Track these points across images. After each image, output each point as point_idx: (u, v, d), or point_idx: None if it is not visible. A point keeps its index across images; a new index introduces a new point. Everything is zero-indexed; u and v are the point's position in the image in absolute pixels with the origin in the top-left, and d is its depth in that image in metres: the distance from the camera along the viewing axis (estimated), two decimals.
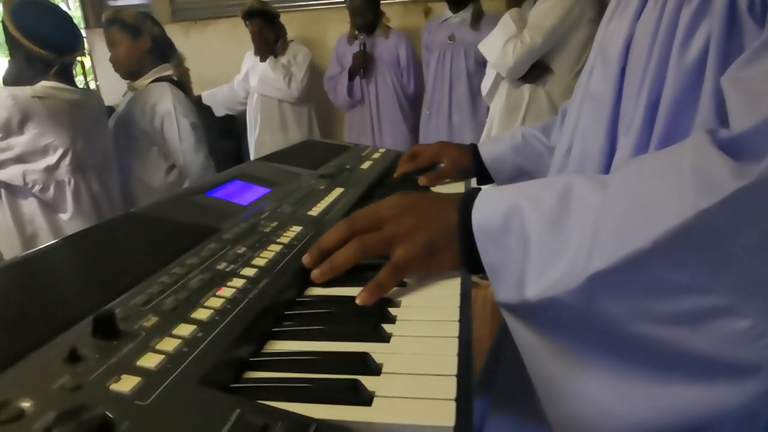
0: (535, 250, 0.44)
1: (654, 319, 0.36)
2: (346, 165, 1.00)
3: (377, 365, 0.40)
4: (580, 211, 0.43)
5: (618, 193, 0.41)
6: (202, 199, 0.72)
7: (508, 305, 0.47)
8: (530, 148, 0.98)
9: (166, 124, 2.00)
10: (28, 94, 1.65)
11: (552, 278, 0.41)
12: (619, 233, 0.38)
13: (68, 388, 0.32)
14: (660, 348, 0.36)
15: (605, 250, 0.38)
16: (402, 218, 0.55)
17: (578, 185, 0.45)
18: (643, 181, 0.39)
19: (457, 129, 2.87)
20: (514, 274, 0.45)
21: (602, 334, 0.40)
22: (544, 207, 0.45)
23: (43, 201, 1.76)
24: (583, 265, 0.39)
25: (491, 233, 0.48)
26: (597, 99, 0.62)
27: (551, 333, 0.44)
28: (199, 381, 0.35)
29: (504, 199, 0.48)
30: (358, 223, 0.56)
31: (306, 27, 3.43)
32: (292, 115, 3.05)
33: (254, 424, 0.31)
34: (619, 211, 0.39)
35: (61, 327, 0.38)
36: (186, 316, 0.42)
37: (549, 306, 0.42)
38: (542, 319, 0.44)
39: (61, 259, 0.52)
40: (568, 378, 0.42)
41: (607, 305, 0.38)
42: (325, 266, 0.54)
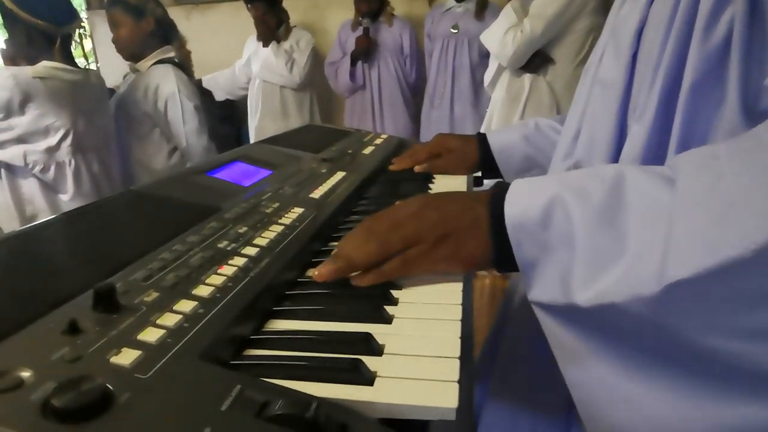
0: (584, 248, 0.40)
1: (731, 333, 0.33)
2: (348, 150, 1.00)
3: (379, 346, 0.40)
4: (640, 206, 0.39)
5: (696, 192, 0.36)
6: (203, 179, 0.72)
7: (545, 305, 0.43)
8: (543, 137, 0.93)
9: (170, 105, 2.00)
10: (29, 74, 1.64)
11: (610, 282, 0.37)
12: (707, 238, 0.33)
13: (68, 359, 0.32)
14: (731, 364, 0.34)
15: (689, 256, 0.33)
16: (423, 214, 0.51)
17: (631, 177, 0.41)
18: (728, 179, 0.35)
19: (458, 120, 2.86)
20: (557, 271, 0.42)
21: (667, 345, 0.36)
22: (592, 199, 0.41)
23: (43, 181, 1.75)
24: (657, 271, 0.35)
25: (528, 227, 0.43)
26: (607, 85, 0.61)
27: (602, 340, 0.40)
28: (199, 356, 0.35)
29: (542, 191, 0.44)
30: (376, 225, 0.51)
31: (308, 12, 3.41)
32: (294, 101, 3.03)
33: (255, 400, 0.31)
34: (704, 213, 0.35)
35: (60, 299, 0.38)
36: (187, 292, 0.42)
37: (605, 313, 0.38)
38: (593, 325, 0.40)
39: (61, 233, 0.52)
40: (618, 386, 0.39)
41: (680, 317, 0.35)
42: (340, 261, 0.50)
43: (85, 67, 1.91)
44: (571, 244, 0.41)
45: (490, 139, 0.97)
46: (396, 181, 0.90)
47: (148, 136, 2.06)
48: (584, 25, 2.02)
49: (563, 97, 2.08)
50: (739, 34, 0.45)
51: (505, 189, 0.47)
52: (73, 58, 1.84)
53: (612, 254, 0.38)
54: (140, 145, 2.08)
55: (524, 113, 2.14)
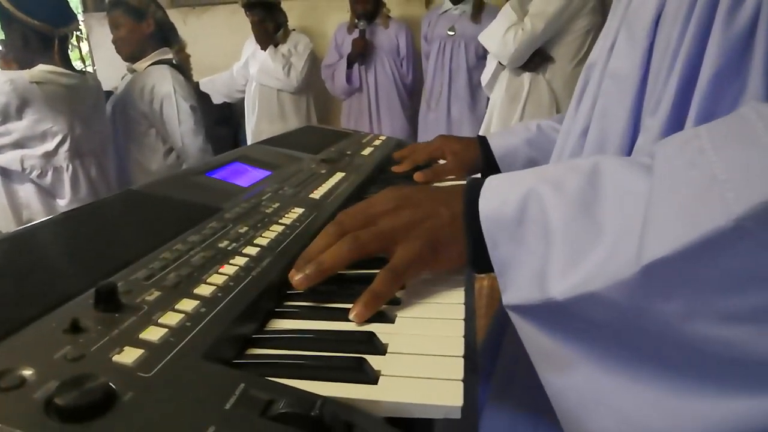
0: (561, 241, 0.38)
1: (717, 317, 0.31)
2: (347, 151, 1.00)
3: (383, 345, 0.40)
4: (617, 193, 0.38)
5: (674, 170, 0.35)
6: (202, 179, 0.71)
7: (520, 307, 0.41)
8: (546, 139, 0.91)
9: (166, 106, 2.01)
10: (27, 79, 1.64)
11: (587, 271, 0.36)
12: (684, 214, 0.32)
13: (70, 358, 0.31)
14: (720, 353, 0.32)
15: (666, 234, 0.32)
16: (398, 212, 0.49)
17: (607, 165, 0.40)
18: (706, 154, 0.33)
19: (455, 122, 2.86)
20: (532, 269, 0.40)
21: (648, 336, 0.34)
22: (569, 191, 0.40)
23: (40, 187, 1.75)
24: (634, 253, 0.33)
25: (503, 223, 0.42)
26: (620, 78, 0.58)
27: (580, 337, 0.38)
28: (202, 355, 0.35)
29: (518, 185, 0.43)
30: (349, 222, 0.50)
31: (305, 16, 3.41)
32: (291, 104, 3.04)
33: (259, 398, 0.31)
34: (682, 189, 0.33)
35: (62, 299, 0.38)
36: (188, 291, 0.42)
37: (583, 304, 0.36)
38: (569, 321, 0.38)
39: (62, 233, 0.52)
40: (598, 391, 0.37)
41: (661, 301, 0.32)
42: (311, 268, 0.46)
43: (82, 71, 1.91)
44: (547, 237, 0.39)
45: (492, 143, 0.95)
46: (395, 181, 0.90)
47: (145, 137, 2.07)
48: (584, 24, 2.03)
49: (562, 95, 2.09)
50: (766, 19, 0.43)
51: (479, 186, 0.45)
52: (70, 61, 1.84)
53: (589, 243, 0.37)
54: (137, 146, 2.09)
55: (524, 112, 2.15)
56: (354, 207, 0.52)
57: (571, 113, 0.72)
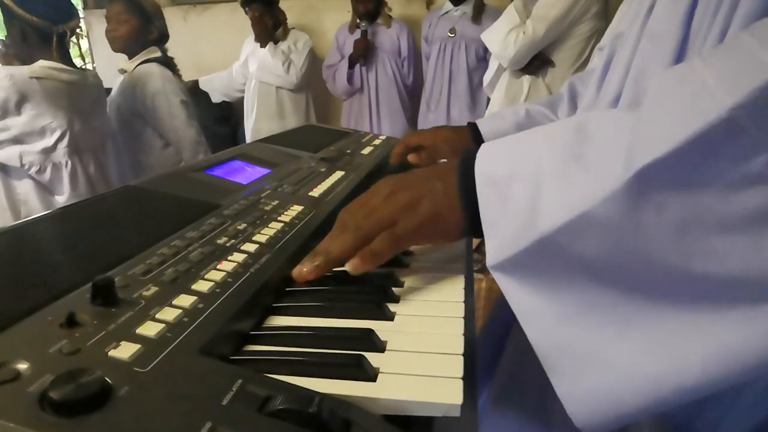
0: (550, 181, 0.38)
1: (713, 225, 0.30)
2: (347, 150, 0.99)
3: (381, 342, 0.40)
4: (604, 133, 0.38)
5: (663, 90, 0.34)
6: (201, 176, 0.71)
7: (506, 261, 0.40)
8: (535, 124, 0.92)
9: (157, 102, 2.06)
10: (26, 74, 1.63)
11: (579, 194, 0.35)
12: (675, 116, 0.31)
13: (66, 352, 0.31)
14: (716, 270, 0.30)
15: (656, 139, 0.31)
16: (395, 196, 0.50)
17: (596, 115, 0.40)
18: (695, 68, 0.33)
19: (455, 123, 2.82)
20: (520, 219, 0.39)
21: (639, 264, 0.33)
22: (557, 142, 0.40)
23: (38, 183, 1.74)
24: (624, 165, 0.32)
25: (496, 180, 0.42)
26: (659, 37, 0.56)
27: (567, 283, 0.37)
28: (199, 351, 0.34)
29: (509, 146, 0.44)
30: (350, 218, 0.51)
31: (304, 14, 3.41)
32: (290, 102, 3.03)
33: (257, 394, 0.31)
34: (671, 100, 0.33)
35: (59, 292, 0.37)
36: (186, 287, 0.41)
37: (573, 231, 0.35)
38: (556, 261, 0.37)
39: (59, 227, 0.51)
40: (591, 342, 0.36)
41: (655, 211, 0.31)
42: (319, 259, 0.48)
43: (82, 67, 1.91)
44: (537, 183, 0.39)
45: (482, 127, 0.97)
46: None
47: (141, 135, 2.11)
48: (586, 30, 2.03)
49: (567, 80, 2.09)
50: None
51: (474, 153, 0.46)
52: (70, 58, 1.83)
53: (577, 174, 0.36)
54: (134, 145, 2.12)
55: None
56: (352, 203, 0.53)
57: (592, 91, 0.71)
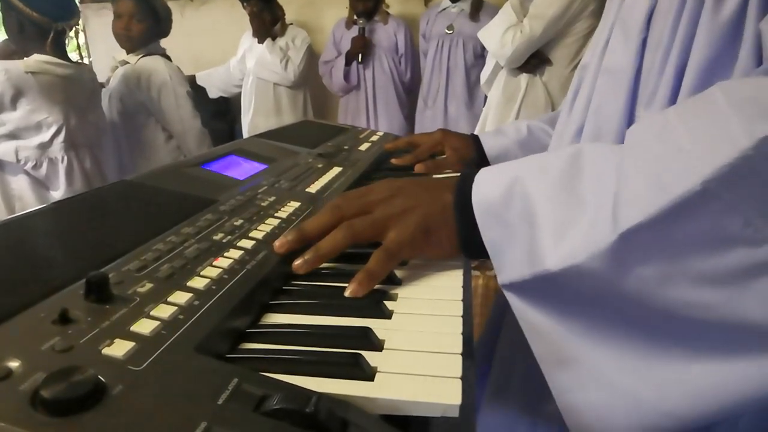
0: (546, 217, 0.41)
1: (694, 280, 0.32)
2: (344, 146, 0.99)
3: (379, 341, 0.39)
4: (595, 171, 0.40)
5: (643, 145, 0.37)
6: (197, 171, 0.70)
7: (514, 284, 0.43)
8: (536, 141, 0.94)
9: (164, 93, 2.09)
10: (21, 69, 1.62)
11: (573, 244, 0.38)
12: (654, 181, 0.33)
13: (58, 349, 0.30)
14: (699, 317, 0.33)
15: (638, 203, 0.34)
16: (393, 200, 0.51)
17: (588, 149, 0.43)
18: (672, 128, 0.36)
19: (452, 120, 2.86)
20: (523, 247, 0.42)
21: (630, 304, 0.36)
22: (551, 173, 0.42)
23: (33, 178, 1.74)
24: (611, 223, 0.35)
25: (492, 207, 0.44)
26: (615, 73, 0.60)
27: (569, 309, 0.40)
28: (195, 349, 0.34)
29: (505, 173, 0.46)
30: (346, 208, 0.51)
31: (302, 10, 3.40)
32: (287, 98, 3.02)
33: (253, 393, 0.30)
34: (650, 160, 0.35)
35: (51, 288, 0.37)
36: (182, 283, 0.41)
37: (571, 275, 0.37)
38: (559, 293, 0.40)
39: (54, 222, 0.51)
40: (586, 362, 0.38)
41: (639, 268, 0.34)
42: (309, 254, 0.48)
43: (77, 62, 1.90)
44: (533, 218, 0.41)
45: (486, 144, 0.97)
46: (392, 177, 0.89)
47: (144, 127, 2.13)
48: (583, 28, 2.03)
49: (558, 98, 2.09)
50: (755, 7, 0.45)
51: (473, 176, 0.48)
52: (66, 53, 1.83)
53: (573, 217, 0.39)
54: (135, 137, 2.14)
55: (519, 113, 2.14)
56: (351, 192, 0.54)
57: (563, 116, 0.73)
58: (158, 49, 2.23)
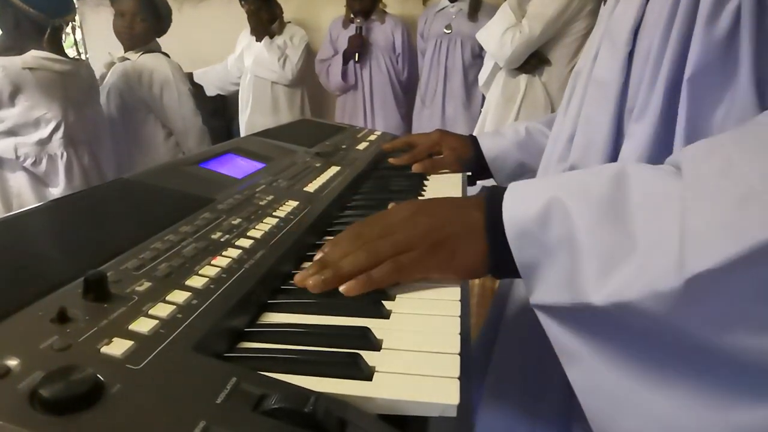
0: (590, 245, 0.38)
1: (755, 327, 0.31)
2: (342, 145, 0.99)
3: (377, 341, 0.39)
4: (646, 198, 0.38)
5: (707, 180, 0.35)
6: (195, 170, 0.70)
7: (549, 307, 0.41)
8: (535, 143, 0.94)
9: (165, 90, 2.10)
10: (19, 65, 1.61)
11: (624, 280, 0.36)
12: (726, 227, 0.31)
13: (57, 348, 0.30)
14: (754, 365, 0.32)
15: (711, 245, 0.31)
16: (416, 220, 0.48)
17: (634, 171, 0.40)
18: (736, 163, 0.34)
19: (450, 120, 2.85)
20: (561, 271, 0.40)
21: (683, 346, 0.34)
22: (593, 197, 0.40)
23: (33, 175, 1.73)
24: (676, 263, 0.33)
25: (526, 227, 0.42)
26: (603, 85, 0.60)
27: (611, 342, 0.38)
28: (193, 348, 0.34)
29: (540, 192, 0.43)
30: (368, 231, 0.49)
31: (301, 9, 3.39)
32: (285, 97, 3.01)
33: (251, 393, 0.30)
34: (719, 200, 0.33)
35: (50, 287, 0.37)
36: (180, 282, 0.41)
37: (620, 311, 0.36)
38: (602, 326, 0.38)
39: (52, 220, 0.50)
40: (627, 393, 0.37)
41: (701, 312, 0.32)
42: (328, 273, 0.46)
43: (75, 58, 1.90)
44: (574, 243, 0.39)
45: (484, 145, 0.97)
46: (390, 177, 0.89)
47: (143, 124, 2.13)
48: (581, 27, 2.03)
49: (558, 98, 2.09)
50: (748, 23, 0.44)
51: (501, 193, 0.46)
52: (63, 49, 1.82)
53: (621, 250, 0.37)
54: (134, 134, 2.14)
55: (519, 114, 2.15)
56: (371, 217, 0.51)
57: (559, 119, 0.73)
58: (157, 46, 2.23)
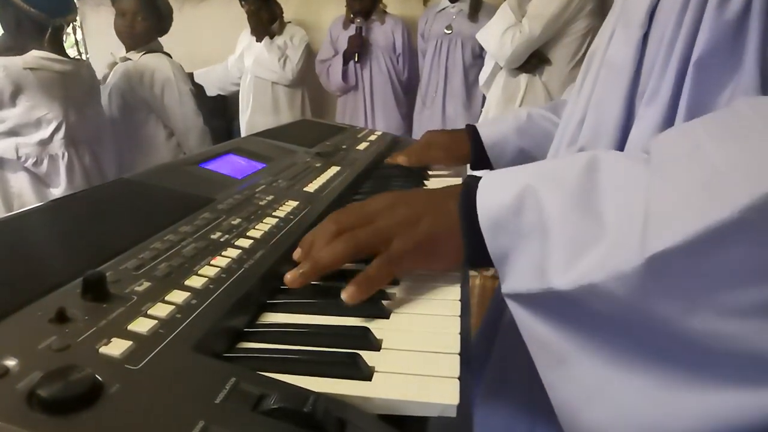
0: (559, 233, 0.38)
1: (722, 311, 0.31)
2: (342, 145, 0.99)
3: (377, 341, 0.39)
4: (615, 185, 0.38)
5: (674, 163, 0.35)
6: (195, 170, 0.70)
7: (519, 295, 0.41)
8: (537, 127, 0.92)
9: (167, 90, 2.10)
10: (20, 65, 1.62)
11: (589, 263, 0.35)
12: (688, 206, 0.31)
13: (55, 348, 0.30)
14: (720, 347, 0.31)
15: (672, 224, 0.31)
16: (395, 210, 0.48)
17: (604, 159, 0.40)
18: (704, 146, 0.34)
19: (450, 120, 2.85)
20: (531, 259, 0.40)
21: (649, 329, 0.34)
22: (565, 185, 0.40)
23: (34, 175, 1.73)
24: (638, 243, 0.33)
25: (500, 216, 0.42)
26: (616, 66, 0.59)
27: (579, 330, 0.38)
28: (192, 348, 0.34)
29: (514, 180, 0.43)
30: (345, 219, 0.49)
31: (301, 9, 3.39)
32: (285, 97, 3.01)
33: (250, 393, 0.30)
34: (683, 181, 0.33)
35: (48, 287, 0.37)
36: (179, 282, 0.41)
37: (585, 295, 0.36)
38: (569, 313, 0.38)
39: (51, 220, 0.50)
40: (596, 381, 0.37)
41: (664, 294, 0.32)
42: (305, 265, 0.46)
43: (75, 58, 1.90)
44: (545, 231, 0.39)
45: (482, 132, 0.95)
46: (390, 176, 0.89)
47: (144, 124, 2.13)
48: (581, 27, 2.03)
49: (558, 97, 2.09)
50: (759, 6, 0.44)
51: (476, 182, 0.46)
52: (63, 49, 1.82)
53: (590, 236, 0.36)
54: (135, 134, 2.14)
55: None
56: (350, 206, 0.51)
57: (572, 101, 0.72)
58: (159, 46, 2.23)
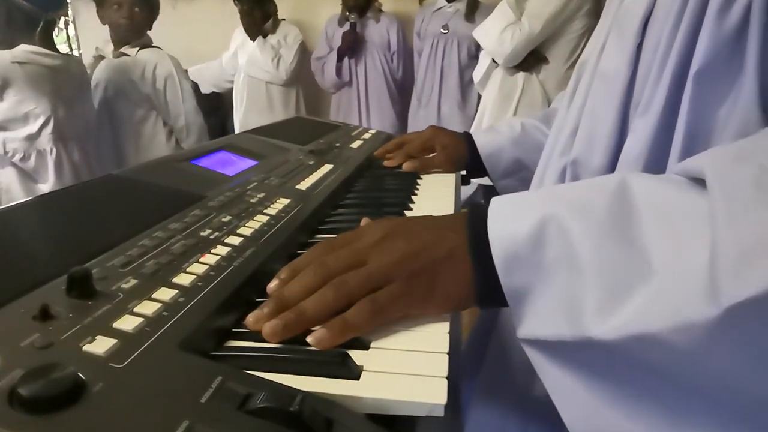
0: (593, 268, 0.34)
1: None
2: (336, 143, 0.98)
3: (365, 340, 0.39)
4: (659, 215, 0.34)
5: (737, 193, 0.30)
6: (186, 166, 0.70)
7: (542, 342, 0.36)
8: (531, 139, 0.93)
9: (169, 85, 2.08)
10: (8, 59, 1.60)
11: (641, 308, 0.31)
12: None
13: (38, 346, 0.30)
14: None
15: (755, 271, 0.27)
16: (390, 244, 0.42)
17: (637, 183, 0.36)
18: None
19: (445, 120, 2.86)
20: (558, 300, 0.35)
21: (710, 385, 0.30)
22: (595, 213, 0.35)
23: (22, 170, 1.72)
24: (708, 290, 0.28)
25: (517, 247, 0.37)
26: (609, 77, 0.58)
27: (621, 381, 0.33)
28: (179, 346, 0.33)
29: (531, 208, 0.38)
30: (333, 263, 0.42)
31: (297, 8, 3.38)
32: (279, 96, 3.01)
33: (237, 392, 0.30)
34: (757, 217, 0.28)
35: (32, 284, 0.36)
36: (167, 280, 0.40)
37: (634, 346, 0.31)
38: (608, 362, 0.33)
39: (37, 216, 0.50)
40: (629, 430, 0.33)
41: (733, 347, 0.28)
42: (289, 316, 0.38)
43: (66, 53, 1.88)
44: (574, 266, 0.34)
45: (478, 141, 0.96)
46: (383, 175, 0.89)
47: (144, 121, 2.10)
48: (579, 27, 2.05)
49: (555, 96, 2.10)
50: (758, 18, 0.43)
51: (485, 210, 0.41)
52: (54, 44, 1.81)
53: (634, 274, 0.32)
54: (134, 131, 2.11)
55: (516, 112, 2.16)
56: (338, 239, 0.45)
57: (562, 112, 0.72)
58: (150, 40, 2.20)
